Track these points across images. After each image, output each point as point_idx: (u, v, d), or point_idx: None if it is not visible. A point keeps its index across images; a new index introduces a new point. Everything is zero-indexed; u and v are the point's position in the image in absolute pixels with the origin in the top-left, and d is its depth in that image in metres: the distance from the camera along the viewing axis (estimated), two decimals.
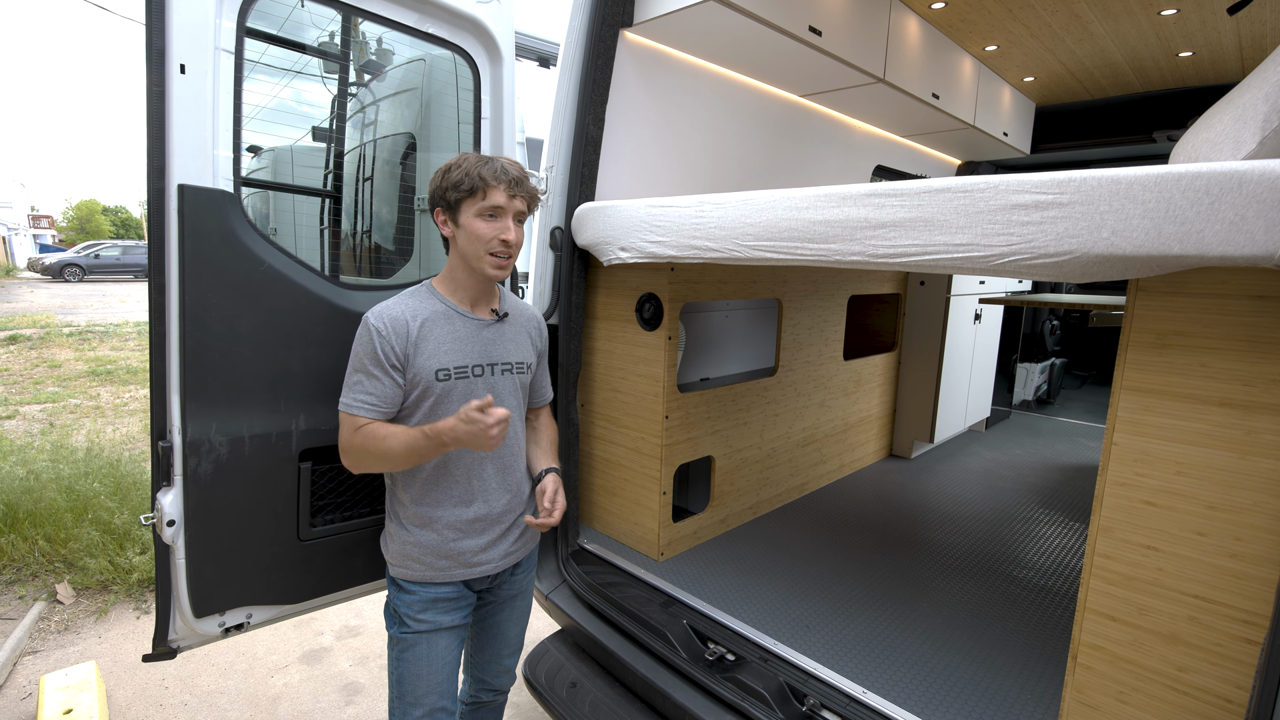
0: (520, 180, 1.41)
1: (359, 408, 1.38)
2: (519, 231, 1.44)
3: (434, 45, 1.84)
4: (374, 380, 1.38)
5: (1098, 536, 1.18)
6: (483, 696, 1.76)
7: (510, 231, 1.40)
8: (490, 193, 1.37)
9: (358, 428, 1.38)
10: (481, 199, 1.38)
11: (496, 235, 1.39)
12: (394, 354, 1.38)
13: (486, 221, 1.39)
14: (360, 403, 1.38)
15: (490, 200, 1.38)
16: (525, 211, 1.45)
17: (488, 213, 1.39)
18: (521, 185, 1.41)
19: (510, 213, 1.41)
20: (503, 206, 1.39)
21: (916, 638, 1.84)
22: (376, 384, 1.38)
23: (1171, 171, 0.94)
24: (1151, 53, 3.10)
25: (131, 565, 3.33)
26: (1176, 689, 1.12)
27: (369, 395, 1.38)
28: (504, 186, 1.38)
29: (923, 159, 4.06)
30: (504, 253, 1.42)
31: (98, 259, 22.03)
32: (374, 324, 1.38)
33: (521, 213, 1.44)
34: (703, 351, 2.68)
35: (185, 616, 1.50)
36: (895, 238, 1.26)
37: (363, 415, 1.38)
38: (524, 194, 1.42)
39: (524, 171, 1.44)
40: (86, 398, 6.84)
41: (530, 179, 1.46)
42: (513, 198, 1.40)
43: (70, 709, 2.32)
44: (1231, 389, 1.04)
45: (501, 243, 1.40)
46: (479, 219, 1.39)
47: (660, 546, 2.24)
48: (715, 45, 2.37)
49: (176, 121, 1.36)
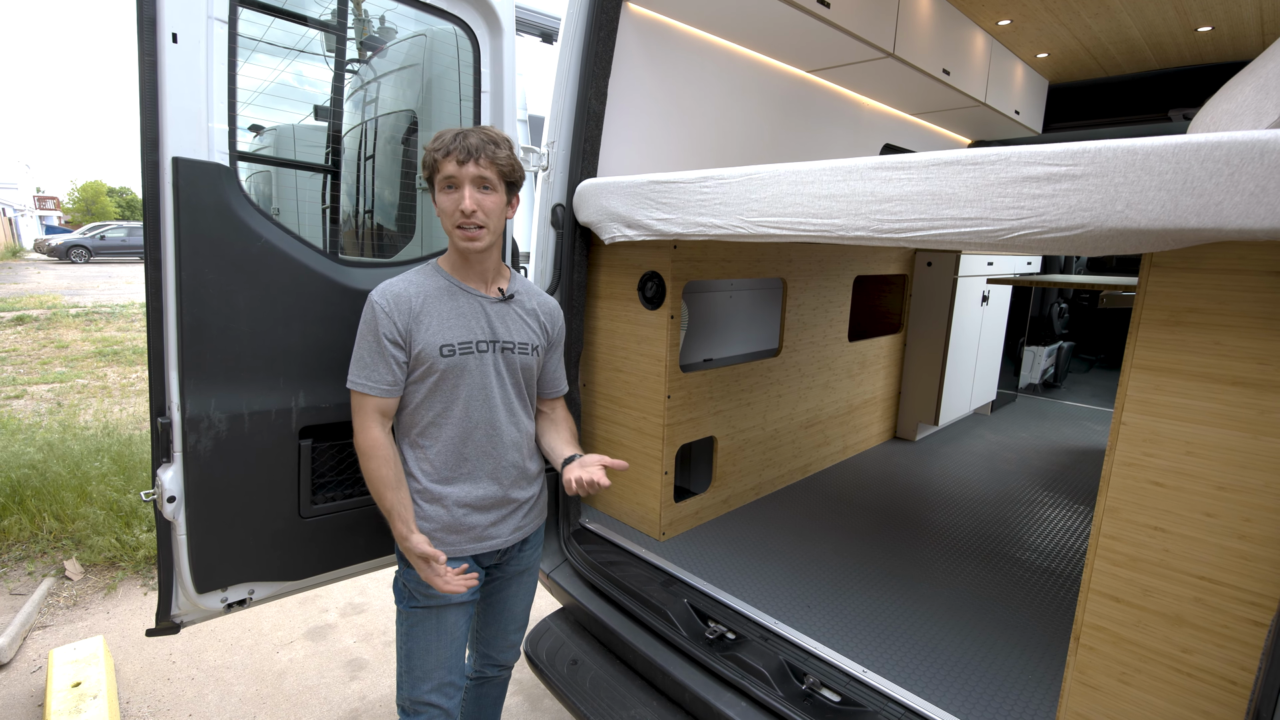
0: (473, 149, 1.35)
1: (364, 385, 1.39)
2: (490, 198, 1.39)
3: (433, 16, 1.80)
4: (378, 358, 1.38)
5: (1104, 517, 1.17)
6: (488, 672, 1.78)
7: (466, 200, 1.35)
8: (442, 164, 1.36)
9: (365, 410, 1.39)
10: (439, 173, 1.37)
11: (455, 206, 1.37)
12: (396, 330, 1.38)
13: (446, 194, 1.38)
14: (366, 379, 1.39)
15: (443, 172, 1.36)
16: (487, 177, 1.38)
17: (445, 185, 1.38)
18: (474, 153, 1.35)
19: (465, 181, 1.36)
20: (454, 175, 1.36)
21: (918, 618, 1.84)
22: (381, 361, 1.38)
23: (1190, 141, 0.91)
24: (1169, 27, 3.02)
25: (138, 542, 3.36)
26: (1180, 670, 1.11)
27: (374, 372, 1.38)
28: (453, 156, 1.35)
29: (932, 137, 3.99)
30: (467, 224, 1.37)
31: (103, 240, 22.06)
32: (377, 300, 1.38)
33: (483, 178, 1.37)
34: (706, 332, 2.66)
35: (188, 592, 1.51)
36: (902, 212, 1.23)
37: (369, 393, 1.38)
38: (484, 159, 1.36)
39: (489, 138, 1.38)
40: (94, 378, 6.88)
41: (505, 145, 1.40)
42: (463, 165, 1.34)
43: (79, 682, 2.36)
44: (1246, 367, 1.01)
45: (460, 213, 1.36)
46: (442, 194, 1.39)
47: (662, 526, 2.24)
48: (720, 17, 2.32)
49: (169, 92, 1.33)
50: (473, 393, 1.45)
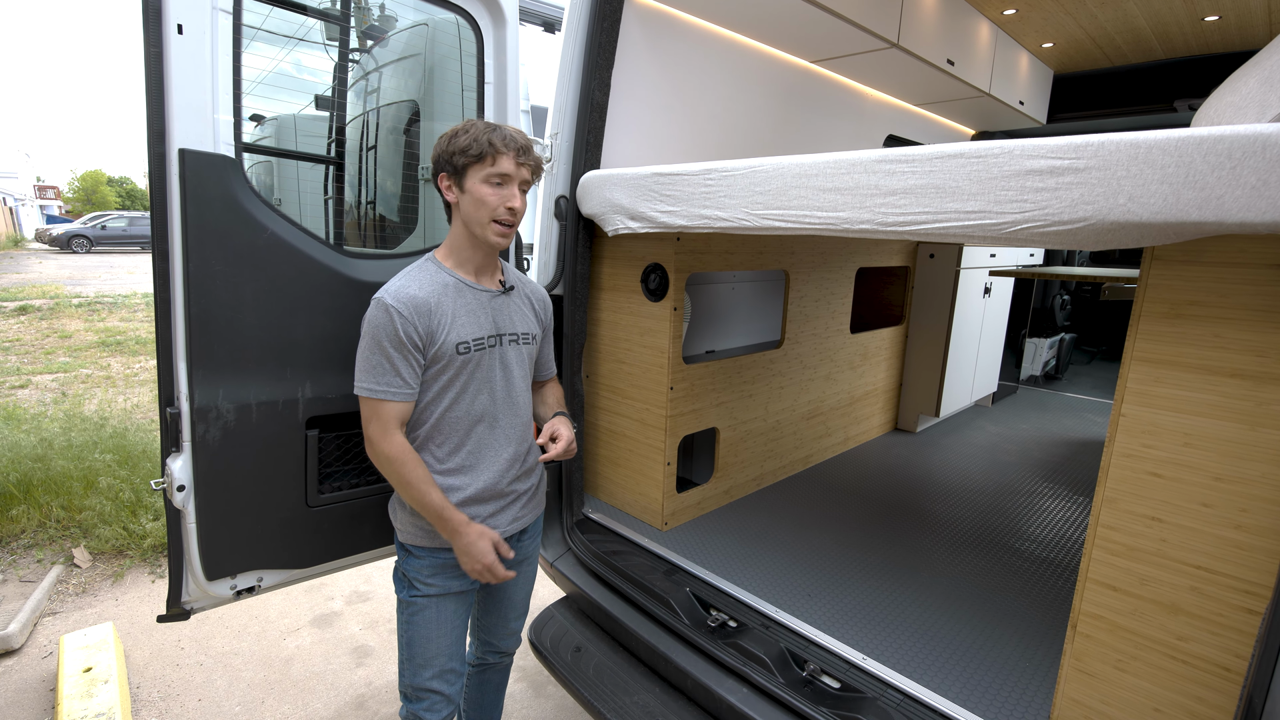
0: (527, 148, 1.40)
1: (385, 392, 1.35)
2: (523, 201, 1.43)
3: (436, 7, 1.80)
4: (397, 364, 1.35)
5: (1102, 507, 1.18)
6: (489, 659, 1.80)
7: (516, 199, 1.39)
8: (499, 159, 1.36)
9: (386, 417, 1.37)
10: (490, 165, 1.36)
11: (503, 203, 1.38)
12: (417, 334, 1.35)
13: (493, 188, 1.37)
14: (386, 387, 1.35)
15: (499, 167, 1.36)
16: (530, 180, 1.43)
17: (495, 179, 1.37)
18: (528, 153, 1.40)
19: (516, 180, 1.39)
20: (510, 174, 1.37)
21: (917, 606, 1.86)
22: (403, 367, 1.36)
23: (1192, 135, 0.91)
24: (1176, 16, 2.99)
25: (145, 531, 3.40)
26: (1175, 658, 1.12)
27: (393, 379, 1.35)
28: (512, 153, 1.36)
29: (936, 128, 3.97)
30: (509, 220, 1.40)
31: (104, 230, 22.05)
32: (393, 305, 1.33)
33: (527, 181, 1.42)
34: (708, 323, 2.67)
35: (198, 579, 1.53)
36: (905, 205, 1.23)
37: (389, 399, 1.36)
38: (530, 162, 1.41)
39: (529, 140, 1.42)
40: (97, 368, 6.91)
41: (535, 147, 1.45)
42: (520, 165, 1.38)
43: (90, 667, 2.39)
44: (1244, 360, 1.02)
45: (508, 210, 1.39)
46: (485, 185, 1.37)
47: (664, 516, 2.26)
48: (724, 7, 2.31)
49: (175, 84, 1.34)
50: (479, 387, 1.46)
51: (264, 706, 2.39)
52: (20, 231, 27.94)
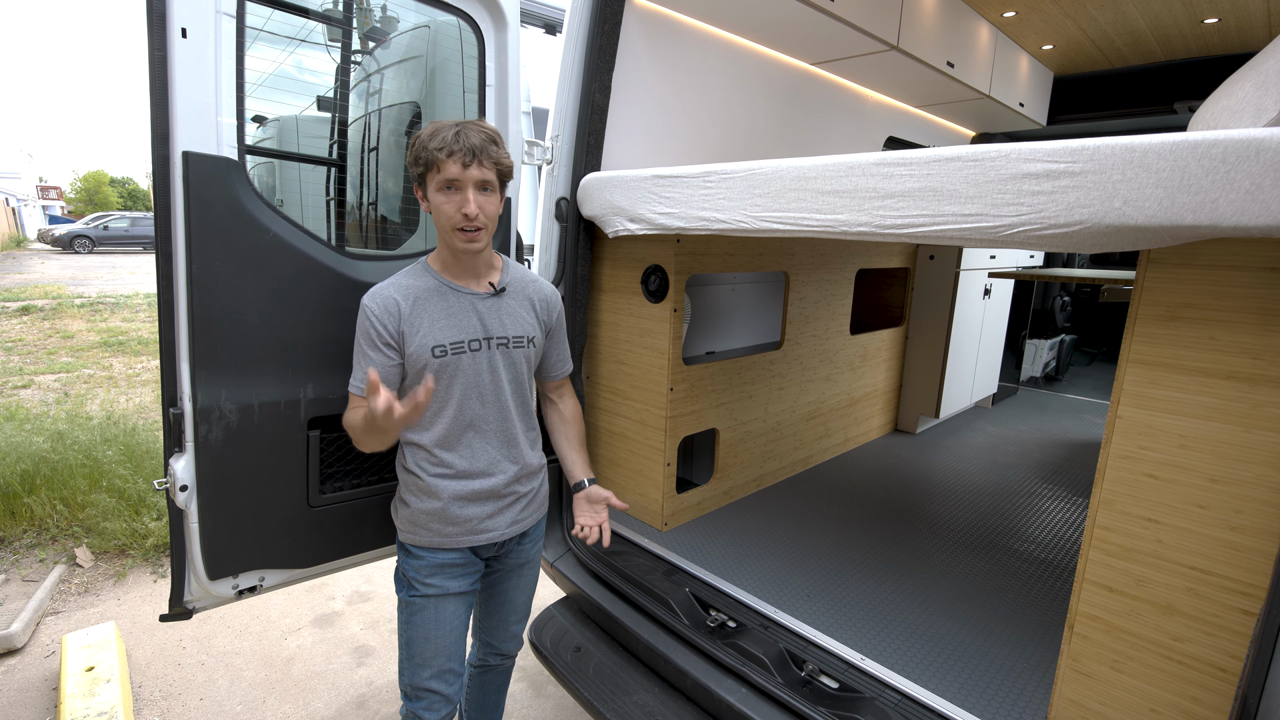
0: (476, 149, 1.32)
1: (357, 388, 1.42)
2: (490, 200, 1.38)
3: (437, 10, 1.81)
4: (368, 361, 1.40)
5: (1098, 509, 1.19)
6: (490, 660, 1.81)
7: (469, 204, 1.33)
8: (443, 165, 1.31)
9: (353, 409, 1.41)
10: (438, 172, 1.33)
11: (457, 209, 1.34)
12: (386, 333, 1.39)
13: (446, 195, 1.34)
14: (360, 383, 1.42)
15: (445, 173, 1.32)
16: (492, 180, 1.37)
17: (445, 186, 1.34)
18: (479, 153, 1.32)
19: (469, 184, 1.33)
20: (457, 179, 1.32)
21: (916, 607, 1.87)
22: (370, 365, 1.40)
23: (1187, 139, 0.92)
24: (1176, 18, 3.00)
25: (147, 530, 3.41)
26: (1171, 658, 1.13)
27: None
28: (456, 157, 1.31)
29: (936, 130, 3.98)
30: (466, 225, 1.36)
31: (106, 231, 22.09)
32: (367, 305, 1.41)
33: (488, 182, 1.36)
34: (708, 325, 2.68)
35: (200, 578, 1.54)
36: (903, 208, 1.24)
37: (361, 395, 1.40)
38: (487, 161, 1.34)
39: (489, 137, 1.36)
40: (100, 368, 6.93)
41: (502, 141, 1.39)
42: (467, 167, 1.32)
43: (92, 666, 2.40)
44: (1239, 362, 1.03)
45: (463, 216, 1.34)
46: (440, 194, 1.35)
47: (664, 517, 2.27)
48: (724, 10, 2.32)
49: (179, 87, 1.35)
50: (467, 390, 1.46)
51: (265, 706, 2.40)
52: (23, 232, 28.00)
